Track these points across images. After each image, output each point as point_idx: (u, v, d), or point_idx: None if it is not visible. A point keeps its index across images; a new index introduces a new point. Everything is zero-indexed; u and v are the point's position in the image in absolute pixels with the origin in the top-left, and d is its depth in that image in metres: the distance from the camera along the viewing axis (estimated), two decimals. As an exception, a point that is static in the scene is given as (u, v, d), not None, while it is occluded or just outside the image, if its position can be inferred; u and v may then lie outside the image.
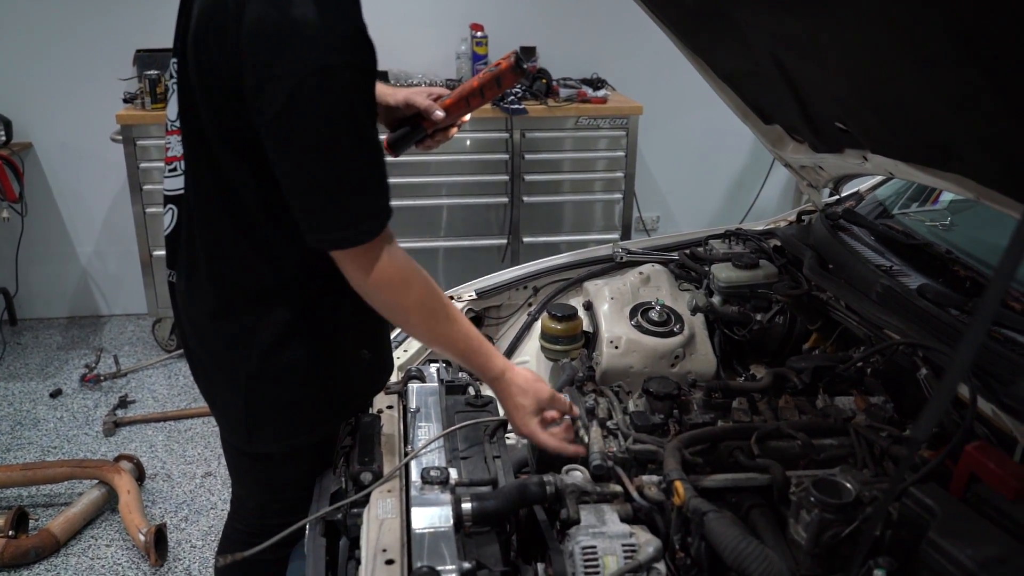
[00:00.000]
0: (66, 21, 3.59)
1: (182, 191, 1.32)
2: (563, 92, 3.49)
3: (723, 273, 1.80)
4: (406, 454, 1.29)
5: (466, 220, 3.58)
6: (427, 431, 1.34)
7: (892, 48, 1.12)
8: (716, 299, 1.81)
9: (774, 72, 1.56)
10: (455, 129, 1.55)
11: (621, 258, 2.04)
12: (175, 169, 1.33)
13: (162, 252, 3.36)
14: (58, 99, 3.68)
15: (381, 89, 1.54)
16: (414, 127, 1.52)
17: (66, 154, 3.77)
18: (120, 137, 3.29)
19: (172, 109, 1.31)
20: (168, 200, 1.36)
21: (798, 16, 1.29)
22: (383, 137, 1.53)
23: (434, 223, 3.57)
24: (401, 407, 1.45)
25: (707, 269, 1.87)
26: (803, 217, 2.17)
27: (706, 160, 4.15)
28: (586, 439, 1.38)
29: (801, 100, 1.61)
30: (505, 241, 3.57)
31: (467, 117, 1.55)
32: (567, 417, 1.38)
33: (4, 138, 3.55)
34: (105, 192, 3.83)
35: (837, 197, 2.22)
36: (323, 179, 1.15)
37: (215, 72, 1.16)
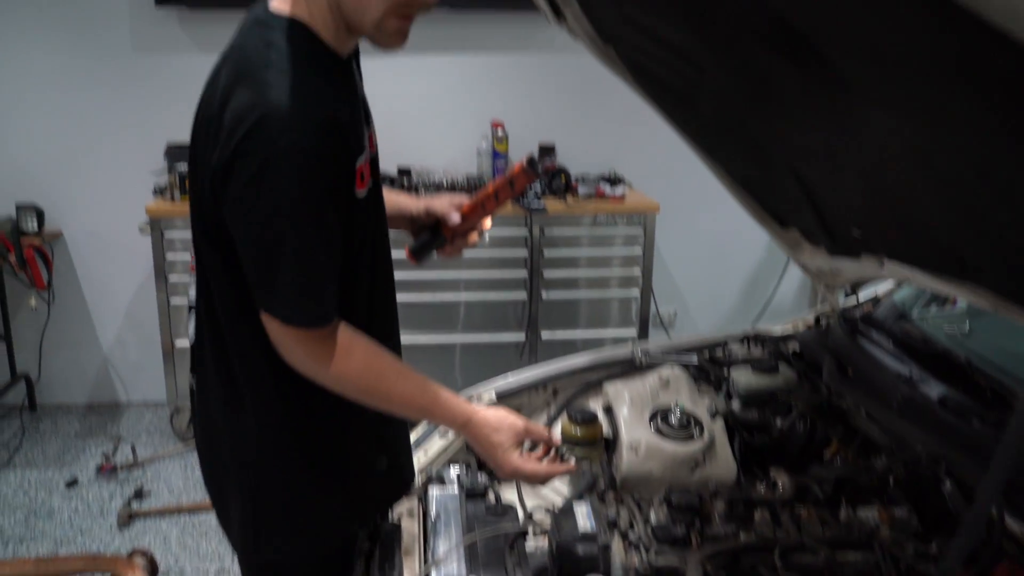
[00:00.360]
0: (100, 114, 3.72)
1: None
2: (581, 189, 3.55)
3: (743, 378, 1.80)
4: (426, 561, 1.28)
5: (483, 315, 3.60)
6: (447, 539, 1.34)
7: (908, 164, 1.15)
8: (736, 404, 1.81)
9: (791, 180, 1.59)
10: (475, 235, 1.57)
11: (641, 360, 2.05)
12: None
13: (183, 343, 3.43)
14: (89, 189, 3.78)
15: (404, 199, 1.59)
16: (434, 234, 1.55)
17: (94, 243, 3.85)
18: (148, 228, 3.37)
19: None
20: (191, 308, 1.40)
21: (815, 131, 1.33)
22: (406, 246, 1.58)
23: (451, 318, 3.60)
24: (421, 512, 1.45)
25: (726, 373, 1.87)
26: (821, 320, 2.18)
27: (722, 256, 4.18)
28: (571, 460, 1.38)
29: (818, 207, 1.64)
30: (523, 337, 3.58)
31: (488, 223, 1.58)
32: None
33: (36, 227, 3.63)
34: (130, 281, 3.89)
35: (855, 300, 2.23)
36: (271, 254, 1.18)
37: (206, 165, 1.20)
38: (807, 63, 1.07)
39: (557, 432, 1.43)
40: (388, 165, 3.66)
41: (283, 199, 1.14)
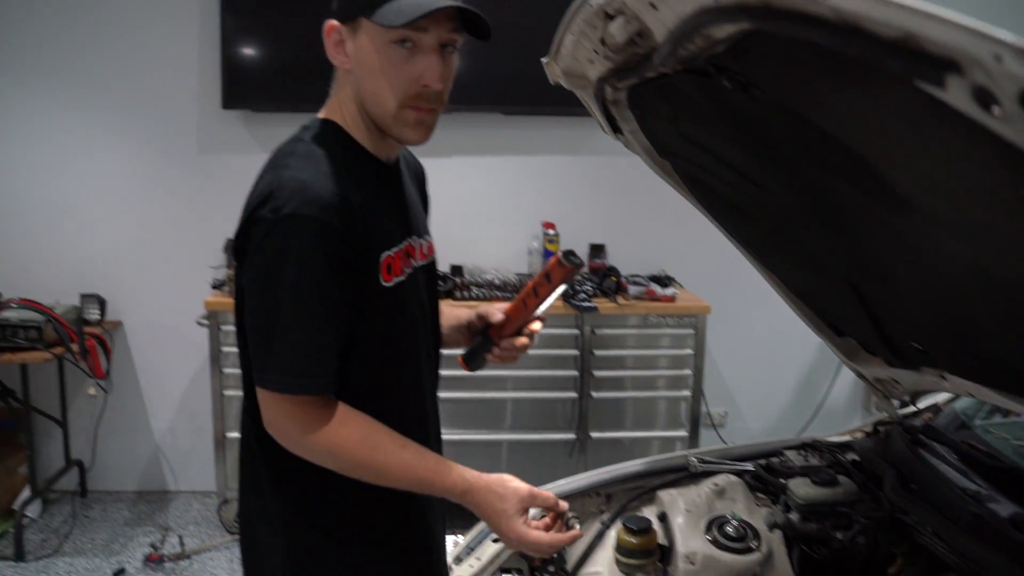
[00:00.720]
0: (164, 210, 3.86)
1: None
2: (632, 289, 3.57)
3: (801, 489, 1.77)
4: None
5: (531, 414, 3.59)
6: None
7: (971, 283, 1.15)
8: (794, 515, 1.77)
9: (848, 292, 1.59)
10: (525, 339, 1.57)
11: (695, 468, 2.02)
12: None
13: (234, 433, 3.47)
14: (151, 281, 3.89)
15: (461, 311, 1.64)
16: (484, 339, 1.57)
17: (152, 333, 3.94)
18: (206, 321, 3.45)
19: None
20: None
21: (875, 249, 1.33)
22: (459, 356, 1.60)
23: (498, 416, 3.59)
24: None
25: (783, 483, 1.84)
26: (879, 428, 2.14)
27: (773, 356, 4.14)
28: (576, 527, 1.35)
29: (876, 319, 1.63)
30: (573, 436, 3.56)
31: (537, 325, 1.57)
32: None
33: (98, 316, 3.74)
34: (185, 371, 3.96)
35: (914, 409, 2.19)
36: (268, 317, 1.22)
37: (235, 250, 1.28)
38: (869, 186, 1.09)
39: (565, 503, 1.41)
40: (440, 263, 3.70)
41: (284, 263, 1.19)
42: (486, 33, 1.28)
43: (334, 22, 1.29)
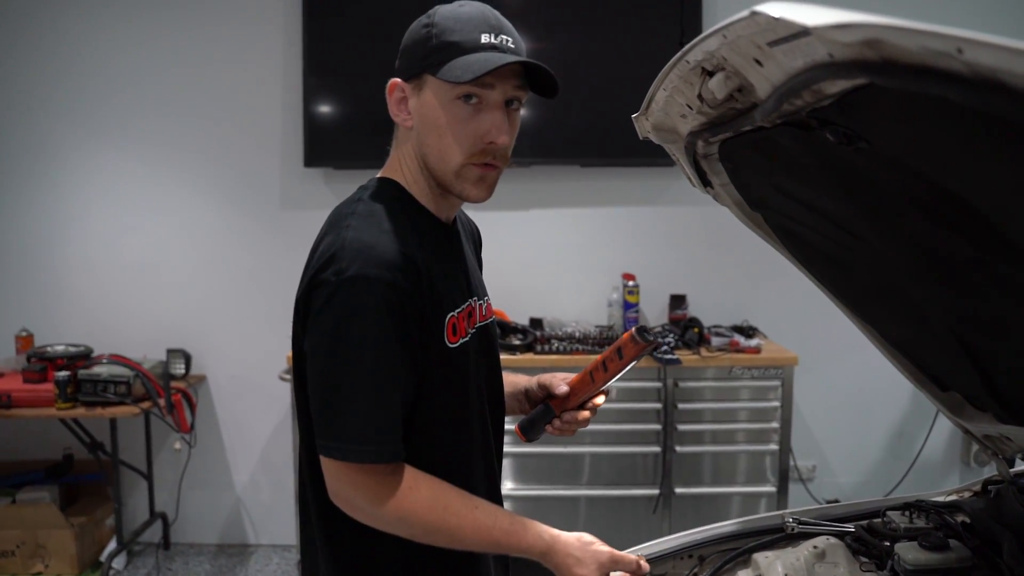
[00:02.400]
0: (247, 266, 3.96)
1: None
2: (715, 341, 3.50)
3: (910, 554, 1.67)
4: None
5: (610, 469, 3.52)
6: None
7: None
8: (903, 583, 1.67)
9: (954, 345, 1.52)
10: (588, 413, 1.51)
11: (792, 529, 1.94)
12: None
13: (317, 489, 3.48)
14: (234, 336, 3.98)
15: (519, 377, 1.59)
16: (545, 408, 1.51)
17: (235, 387, 4.01)
18: (289, 376, 3.49)
19: None
20: None
21: (985, 300, 1.27)
22: (516, 425, 1.55)
23: (576, 471, 3.53)
24: None
25: (888, 546, 1.75)
26: (990, 488, 2.02)
27: (863, 407, 4.00)
28: None
29: (985, 373, 1.55)
30: (656, 491, 3.47)
31: (600, 400, 1.51)
32: None
33: (184, 371, 3.82)
34: (266, 425, 4.01)
35: (1025, 468, 2.07)
36: (334, 382, 1.18)
37: (297, 313, 1.27)
38: (983, 238, 1.04)
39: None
40: (519, 316, 3.72)
41: (350, 326, 1.17)
42: (552, 90, 1.28)
43: (397, 80, 1.31)
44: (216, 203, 3.93)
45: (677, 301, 3.78)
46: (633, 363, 1.43)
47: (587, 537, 1.30)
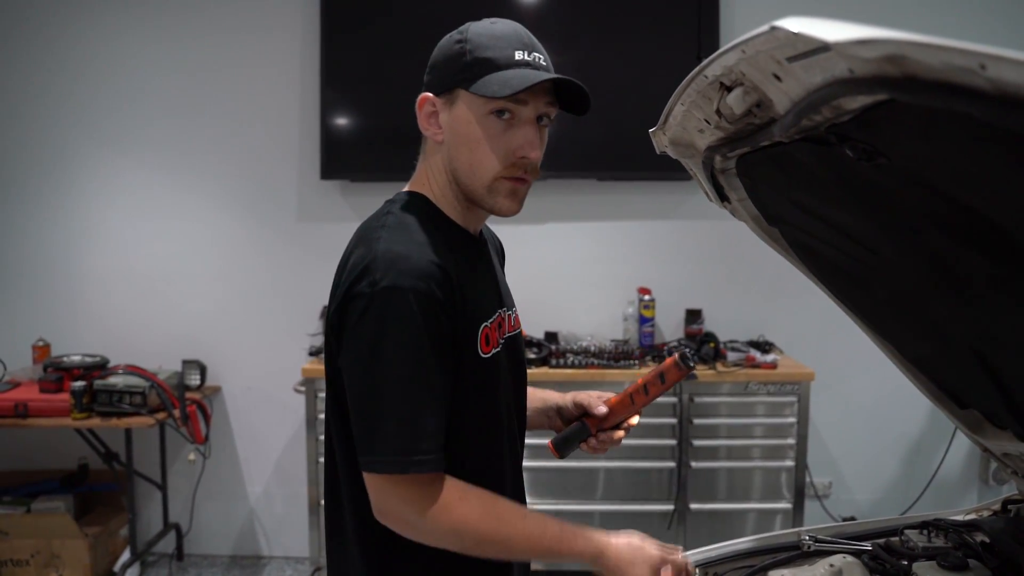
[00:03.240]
0: (263, 278, 3.97)
1: None
2: (730, 356, 3.48)
3: (928, 574, 1.65)
4: None
5: (625, 484, 3.50)
6: None
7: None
8: (921, 603, 1.65)
9: (973, 362, 1.50)
10: (622, 432, 1.53)
11: (809, 546, 1.92)
12: None
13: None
14: (249, 347, 3.99)
15: (550, 393, 1.60)
16: (580, 426, 1.51)
17: (250, 398, 4.02)
18: (303, 388, 3.49)
19: None
20: None
21: (1005, 317, 1.26)
22: (549, 441, 1.55)
23: (590, 485, 3.51)
24: None
25: (906, 565, 1.72)
26: (1010, 507, 2.00)
27: (880, 424, 3.96)
28: None
29: (1005, 391, 1.53)
30: (671, 507, 3.45)
31: (635, 420, 1.53)
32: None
33: (199, 381, 3.83)
34: (280, 435, 4.02)
35: (1046, 487, 2.05)
36: (374, 395, 1.18)
37: (329, 324, 1.27)
38: (1005, 256, 1.03)
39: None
40: (535, 330, 3.72)
41: (386, 337, 1.17)
42: (582, 107, 1.29)
43: (428, 94, 1.31)
44: (233, 214, 3.95)
45: (693, 316, 3.76)
46: (673, 387, 1.45)
47: (636, 540, 1.31)
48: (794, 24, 0.75)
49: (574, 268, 3.89)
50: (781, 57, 0.86)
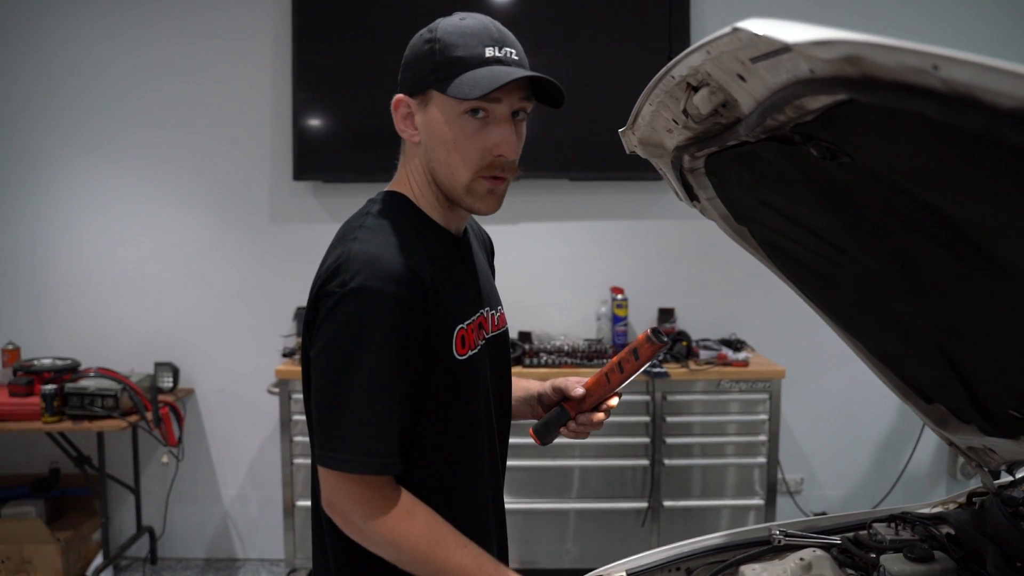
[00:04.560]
0: (235, 279, 3.95)
1: None
2: (703, 354, 3.51)
3: (895, 566, 1.68)
4: None
5: (600, 482, 3.52)
6: None
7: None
8: (889, 595, 1.68)
9: (938, 358, 1.53)
10: (601, 415, 1.54)
11: (779, 541, 1.94)
12: None
13: (305, 502, 3.47)
14: (222, 349, 3.97)
15: (531, 382, 1.61)
16: (560, 411, 1.53)
17: (223, 400, 4.00)
18: (276, 389, 3.48)
19: None
20: None
21: (968, 313, 1.28)
22: (530, 428, 1.56)
23: (565, 484, 3.53)
24: None
25: (874, 558, 1.75)
26: (974, 500, 2.04)
27: (851, 420, 4.01)
28: None
29: (969, 386, 1.56)
30: (645, 504, 3.47)
31: (614, 402, 1.55)
32: None
33: (172, 384, 3.80)
34: (255, 438, 4.00)
35: (1011, 479, 2.09)
36: (334, 392, 1.19)
37: (306, 325, 1.28)
38: (965, 252, 1.05)
39: None
40: (509, 330, 3.71)
41: (352, 337, 1.17)
42: (558, 100, 1.29)
43: (402, 96, 1.30)
44: (205, 216, 3.93)
45: (665, 314, 3.79)
46: (648, 364, 1.45)
47: None
48: (756, 25, 0.76)
49: (547, 268, 3.90)
50: (745, 58, 0.87)
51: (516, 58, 1.27)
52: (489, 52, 1.24)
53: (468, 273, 1.41)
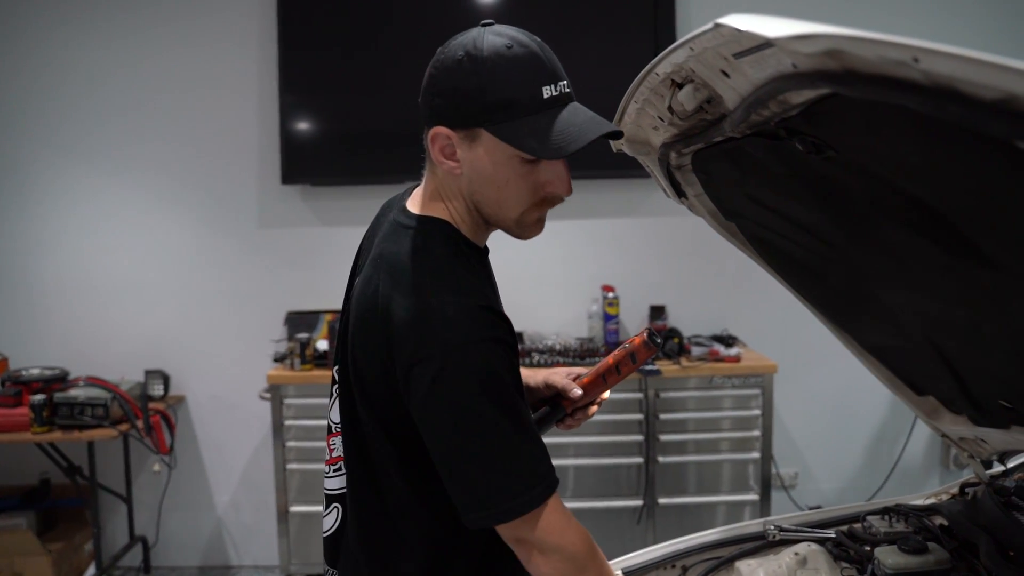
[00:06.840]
0: (225, 285, 3.93)
1: (345, 490, 1.34)
2: (695, 351, 3.51)
3: (889, 558, 1.68)
4: None
5: (594, 481, 3.52)
6: None
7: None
8: (883, 587, 1.68)
9: (928, 350, 1.53)
10: (594, 408, 1.57)
11: (774, 536, 1.94)
12: (339, 469, 1.35)
13: (298, 507, 3.46)
14: (213, 356, 3.94)
15: (523, 372, 1.59)
16: (554, 407, 1.54)
17: (215, 406, 3.98)
18: (268, 395, 3.46)
19: (335, 412, 1.35)
20: (331, 500, 1.38)
21: (957, 306, 1.28)
22: None
23: (560, 483, 3.51)
24: None
25: (869, 550, 1.76)
26: (967, 490, 2.04)
27: (844, 414, 4.02)
28: None
29: (959, 377, 1.56)
30: (640, 502, 3.47)
31: (606, 395, 1.57)
32: None
33: (163, 392, 3.79)
34: (247, 444, 3.98)
35: (1003, 469, 2.09)
36: (476, 453, 1.14)
37: (370, 371, 1.21)
38: (952, 245, 1.05)
39: None
40: (500, 329, 3.71)
41: (473, 395, 1.13)
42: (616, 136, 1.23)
43: (442, 129, 1.19)
44: (193, 222, 3.91)
45: (657, 312, 3.79)
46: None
47: None
48: (737, 21, 0.76)
49: (538, 267, 3.89)
50: (728, 54, 0.87)
51: (568, 90, 1.21)
52: (547, 92, 1.17)
53: (496, 286, 1.40)
